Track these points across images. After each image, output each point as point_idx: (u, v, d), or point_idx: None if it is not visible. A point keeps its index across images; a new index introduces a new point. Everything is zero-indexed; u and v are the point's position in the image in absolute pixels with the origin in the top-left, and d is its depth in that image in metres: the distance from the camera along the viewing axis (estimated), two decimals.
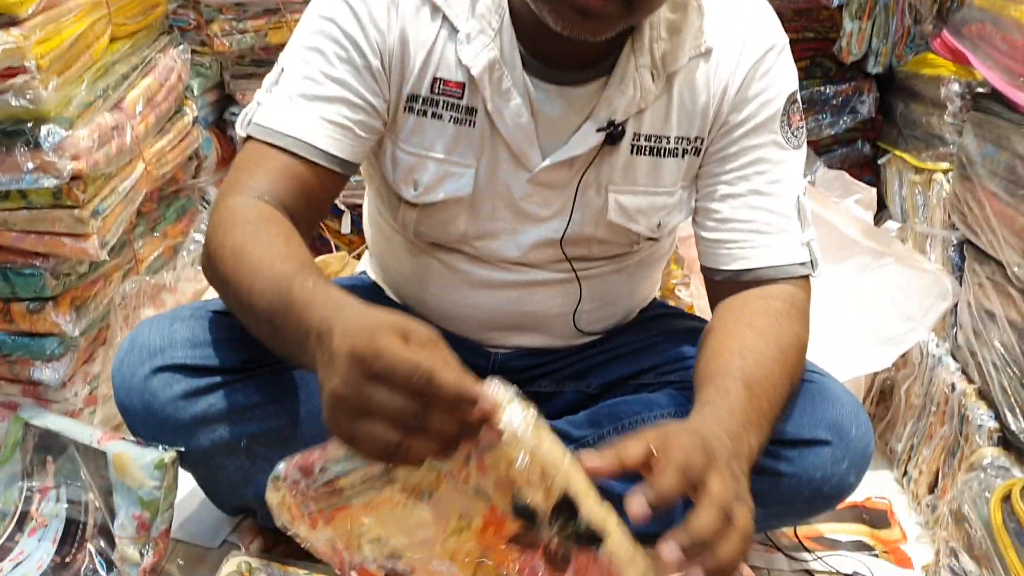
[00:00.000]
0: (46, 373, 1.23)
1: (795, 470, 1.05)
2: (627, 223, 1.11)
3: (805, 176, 1.13)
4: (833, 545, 1.31)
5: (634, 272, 1.20)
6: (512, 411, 0.71)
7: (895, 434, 1.51)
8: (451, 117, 1.06)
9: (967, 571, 1.10)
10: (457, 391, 0.68)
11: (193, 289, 1.61)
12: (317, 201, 1.04)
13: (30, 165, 1.13)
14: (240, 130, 1.04)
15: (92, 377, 1.31)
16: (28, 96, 1.10)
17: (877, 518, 1.39)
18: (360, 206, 1.85)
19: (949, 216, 1.44)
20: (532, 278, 1.14)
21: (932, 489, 1.37)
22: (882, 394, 1.59)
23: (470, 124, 1.06)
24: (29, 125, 1.12)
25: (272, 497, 0.90)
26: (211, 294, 1.62)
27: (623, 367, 1.22)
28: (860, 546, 1.32)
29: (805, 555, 1.28)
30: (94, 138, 1.18)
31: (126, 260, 1.38)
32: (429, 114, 1.06)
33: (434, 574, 0.82)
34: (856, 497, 1.38)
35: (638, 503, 0.71)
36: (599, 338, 1.25)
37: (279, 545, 1.19)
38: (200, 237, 1.62)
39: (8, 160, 1.13)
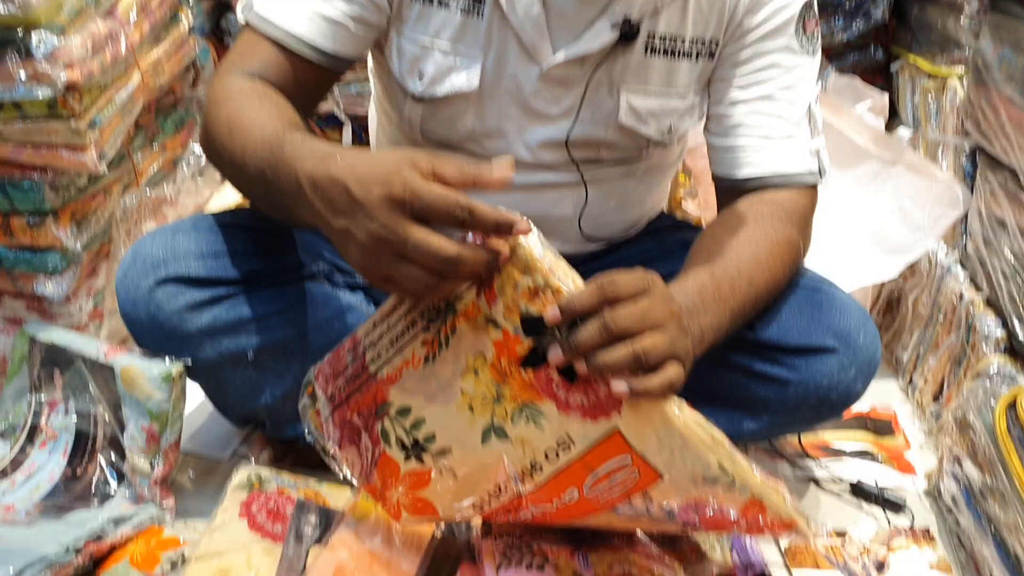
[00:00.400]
0: (49, 287, 1.22)
1: (801, 378, 1.05)
2: (638, 125, 1.09)
3: (817, 83, 1.11)
4: (837, 453, 1.32)
5: (642, 178, 1.19)
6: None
7: (901, 344, 1.51)
8: (458, 6, 1.04)
9: (970, 477, 1.11)
10: (495, 218, 0.74)
11: (194, 202, 1.59)
12: (308, 92, 1.05)
13: (23, 75, 1.10)
14: (240, 14, 1.05)
15: (96, 291, 1.31)
16: (16, 1, 1.07)
17: (881, 427, 1.40)
18: (362, 117, 1.83)
19: (962, 123, 1.41)
20: (540, 180, 1.13)
21: (937, 398, 1.38)
22: (889, 304, 1.58)
23: (478, 14, 1.04)
24: (20, 33, 1.09)
25: (305, 404, 0.97)
26: (212, 207, 1.61)
27: None
28: (864, 454, 1.33)
29: (809, 463, 1.29)
30: (87, 46, 1.15)
31: (125, 173, 1.36)
32: (435, 2, 1.04)
33: (454, 432, 0.86)
34: (861, 406, 1.39)
35: (551, 310, 0.76)
36: (604, 247, 1.24)
37: (288, 455, 1.21)
38: (199, 150, 1.59)
39: (0, 70, 1.10)
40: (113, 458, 1.13)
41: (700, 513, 0.84)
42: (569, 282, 0.78)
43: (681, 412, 0.79)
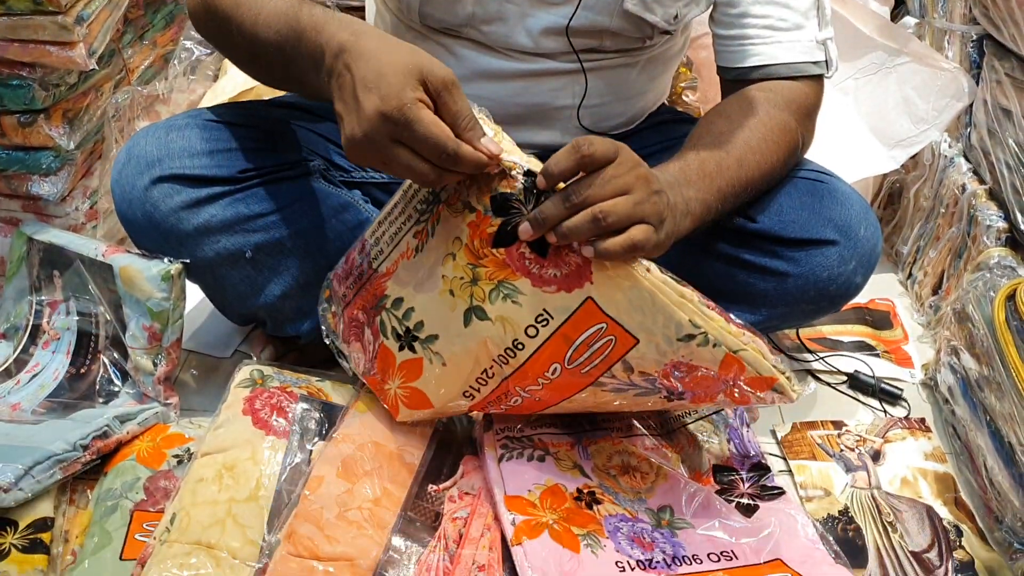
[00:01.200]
0: (44, 187, 1.21)
1: (801, 270, 1.05)
2: (644, 12, 1.06)
3: None
4: (835, 346, 1.33)
5: (644, 68, 1.16)
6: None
7: (901, 237, 1.50)
8: None
9: (967, 368, 1.12)
10: (476, 161, 0.79)
11: (187, 100, 1.57)
12: None
13: None
14: None
15: (91, 191, 1.30)
16: None
17: (879, 319, 1.40)
18: (357, 8, 1.78)
19: (970, 9, 1.37)
20: (541, 67, 1.10)
21: (936, 290, 1.38)
22: (890, 197, 1.57)
23: None
24: None
25: (324, 307, 1.02)
26: (204, 103, 1.58)
27: None
28: (862, 346, 1.34)
29: (807, 356, 1.31)
30: None
31: (116, 70, 1.33)
32: None
33: (439, 317, 0.90)
34: (859, 299, 1.39)
35: (539, 178, 0.81)
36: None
37: (290, 353, 1.22)
38: (190, 45, 1.56)
39: None
40: (116, 357, 1.14)
41: (681, 380, 0.87)
42: (531, 162, 0.82)
43: (649, 273, 0.83)
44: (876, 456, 1.14)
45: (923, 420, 1.20)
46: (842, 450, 1.14)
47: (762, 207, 1.06)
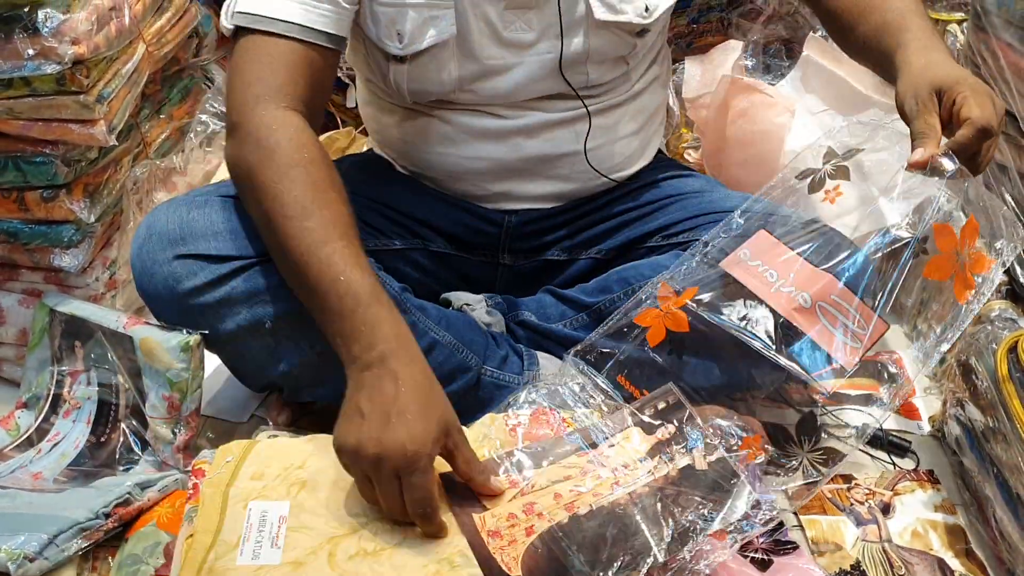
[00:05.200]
0: (66, 259, 1.25)
1: None
2: (614, 16, 1.11)
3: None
4: (842, 399, 1.35)
5: (635, 99, 1.22)
6: None
7: (904, 290, 1.52)
8: None
9: (973, 420, 1.13)
10: (436, 531, 0.89)
11: (203, 171, 1.61)
12: (323, 81, 1.06)
13: (30, 51, 1.11)
14: (226, 21, 1.04)
15: (111, 262, 1.33)
16: None
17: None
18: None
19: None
20: (535, 120, 1.15)
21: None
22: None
23: None
24: (26, 10, 1.10)
25: None
26: (220, 175, 1.62)
27: (632, 230, 1.24)
28: (868, 399, 1.35)
29: (815, 410, 1.31)
30: (92, 20, 1.16)
31: (135, 144, 1.38)
32: None
33: None
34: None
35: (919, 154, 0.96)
36: (612, 186, 1.25)
37: (305, 417, 1.23)
38: (206, 118, 1.61)
39: (8, 47, 1.11)
40: (136, 425, 1.16)
41: None
42: None
43: None
44: (886, 509, 1.15)
45: (932, 472, 1.21)
46: (852, 504, 1.15)
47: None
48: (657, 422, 1.01)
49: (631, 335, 1.11)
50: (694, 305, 1.08)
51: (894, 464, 1.23)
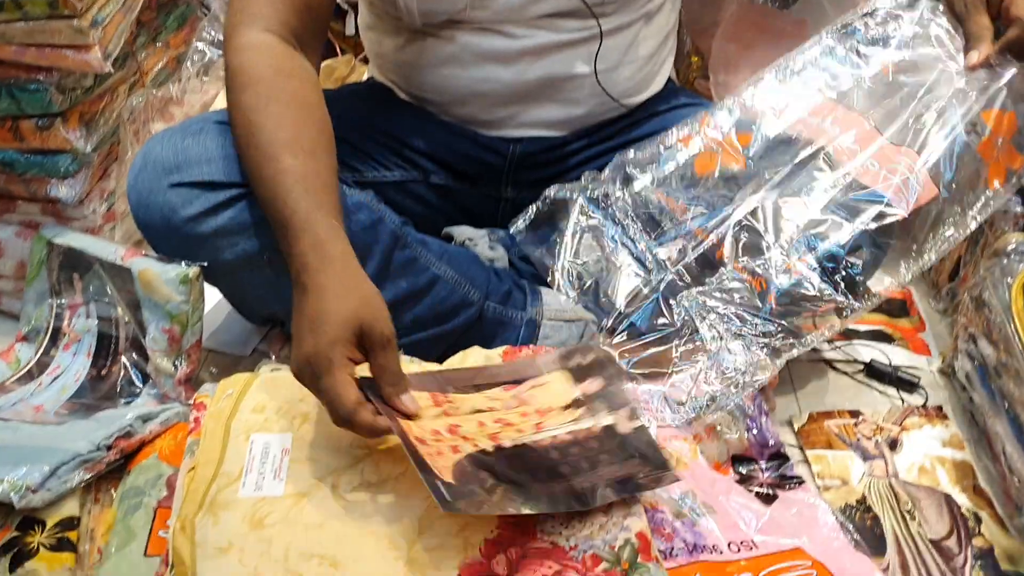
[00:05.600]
0: (62, 190, 1.23)
1: None
2: None
3: None
4: (850, 335, 1.33)
5: (650, 18, 1.19)
6: None
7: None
8: None
9: (984, 355, 1.11)
10: (370, 430, 0.83)
11: (200, 101, 1.58)
12: (319, 8, 1.02)
13: None
14: None
15: (108, 193, 1.31)
16: None
17: (895, 308, 1.40)
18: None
19: None
20: (545, 41, 1.11)
21: (952, 277, 1.38)
22: None
23: None
24: None
25: None
26: (218, 105, 1.59)
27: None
28: (878, 335, 1.34)
29: (824, 344, 1.30)
30: None
31: (131, 73, 1.34)
32: None
33: None
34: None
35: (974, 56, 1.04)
36: (623, 112, 1.22)
37: None
38: (202, 47, 1.57)
39: None
40: (136, 359, 1.15)
41: None
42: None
43: None
44: (893, 445, 1.14)
45: (940, 408, 1.19)
46: (859, 439, 1.14)
47: None
48: (584, 373, 0.98)
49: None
50: None
51: (902, 400, 1.22)
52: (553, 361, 0.99)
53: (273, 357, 1.21)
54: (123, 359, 1.16)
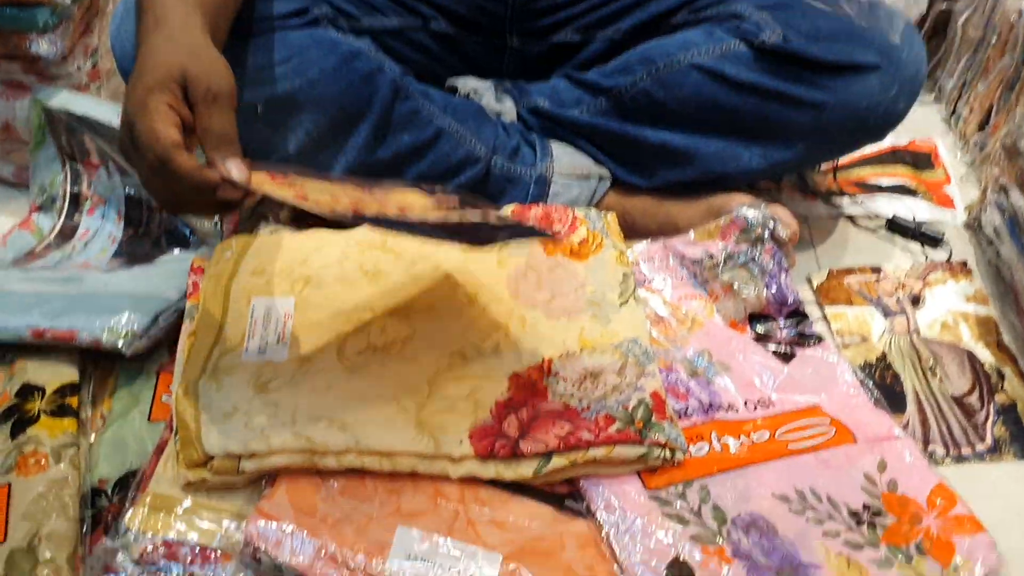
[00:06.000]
0: (43, 46, 1.16)
1: (839, 100, 0.99)
2: None
3: None
4: (873, 189, 1.28)
5: None
6: None
7: (946, 70, 1.42)
8: None
9: (1016, 207, 1.07)
10: (189, 175, 0.70)
11: None
12: None
13: None
14: None
15: (92, 50, 1.24)
16: None
17: (920, 160, 1.34)
18: None
19: None
20: None
21: (983, 127, 1.31)
22: (935, 29, 1.48)
23: None
24: None
25: None
26: None
27: (656, 4, 1.13)
28: (901, 189, 1.29)
29: (844, 200, 1.25)
30: None
31: None
32: None
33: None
34: (899, 139, 1.34)
35: None
36: None
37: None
38: None
39: None
40: (174, 218, 1.11)
41: None
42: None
43: None
44: (915, 301, 1.10)
45: (965, 263, 1.15)
46: (880, 296, 1.11)
47: (796, 27, 0.99)
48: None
49: None
50: None
51: (925, 255, 1.18)
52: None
53: (271, 219, 1.17)
54: (160, 217, 1.12)
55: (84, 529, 0.79)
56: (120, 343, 0.90)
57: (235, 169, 0.71)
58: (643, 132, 1.09)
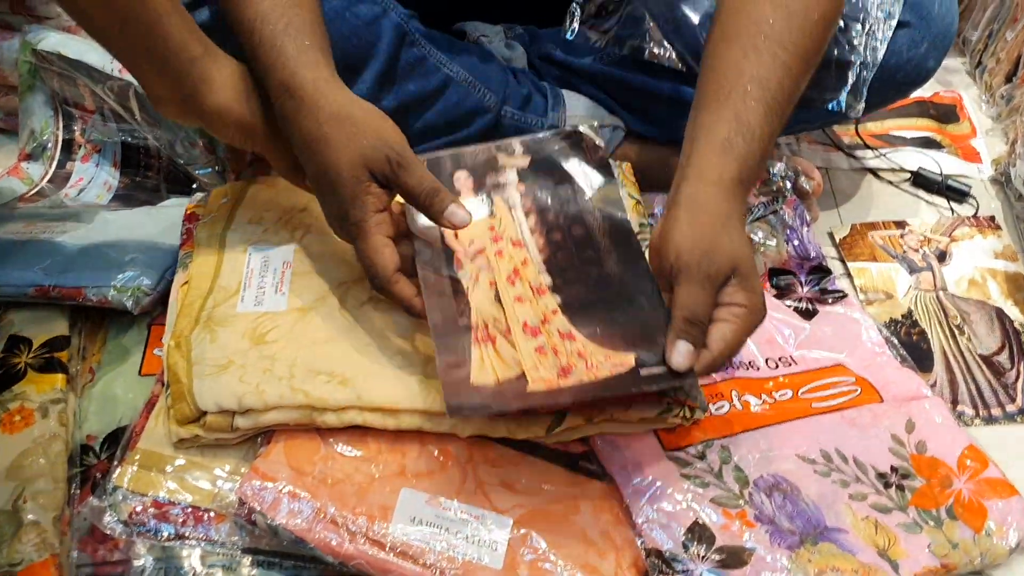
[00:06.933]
0: None
1: (867, 57, 0.94)
2: None
3: None
4: (897, 142, 1.23)
5: None
6: None
7: (971, 21, 1.37)
8: None
9: None
10: (404, 302, 0.74)
11: None
12: None
13: None
14: None
15: None
16: None
17: (945, 113, 1.29)
18: None
19: None
20: None
21: (1010, 79, 1.26)
22: None
23: None
24: None
25: None
26: None
27: None
28: (926, 142, 1.24)
29: (867, 153, 1.21)
30: None
31: None
32: None
33: None
34: (923, 92, 1.28)
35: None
36: None
37: None
38: None
39: None
40: (174, 165, 1.06)
41: None
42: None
43: None
44: (942, 256, 1.06)
45: (992, 218, 1.11)
46: (905, 251, 1.06)
47: None
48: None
49: None
50: None
51: (952, 209, 1.13)
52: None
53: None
54: (158, 164, 1.08)
55: (72, 489, 0.75)
56: (129, 302, 0.86)
57: (458, 214, 0.74)
58: (658, 83, 1.04)
